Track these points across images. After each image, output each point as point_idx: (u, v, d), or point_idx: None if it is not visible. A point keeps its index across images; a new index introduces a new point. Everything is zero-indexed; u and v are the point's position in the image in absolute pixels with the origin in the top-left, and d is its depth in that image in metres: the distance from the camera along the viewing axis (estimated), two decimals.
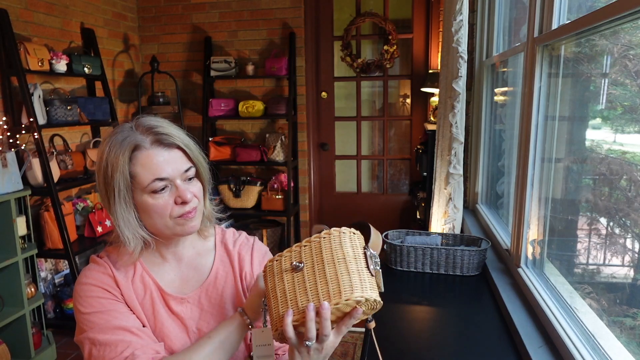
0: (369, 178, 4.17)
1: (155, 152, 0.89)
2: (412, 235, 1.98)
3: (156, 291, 0.98)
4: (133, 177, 0.89)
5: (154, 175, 0.88)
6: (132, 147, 0.89)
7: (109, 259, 0.98)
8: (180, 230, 0.93)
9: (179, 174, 0.91)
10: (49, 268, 3.00)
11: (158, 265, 1.00)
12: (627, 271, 1.31)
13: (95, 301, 0.92)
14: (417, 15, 3.74)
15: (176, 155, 0.91)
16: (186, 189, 0.91)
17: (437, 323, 1.55)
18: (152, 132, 0.90)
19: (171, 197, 0.91)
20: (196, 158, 0.95)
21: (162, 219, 0.91)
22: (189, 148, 0.93)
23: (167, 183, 0.90)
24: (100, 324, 0.90)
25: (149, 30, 3.96)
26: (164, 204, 0.90)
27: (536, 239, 1.62)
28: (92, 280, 0.94)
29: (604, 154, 1.35)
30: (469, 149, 2.69)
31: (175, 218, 0.91)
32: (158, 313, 0.96)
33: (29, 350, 2.47)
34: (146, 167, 0.88)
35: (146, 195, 0.89)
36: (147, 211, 0.91)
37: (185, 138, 0.94)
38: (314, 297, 0.79)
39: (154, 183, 0.88)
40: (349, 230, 0.85)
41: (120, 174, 0.88)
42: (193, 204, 0.93)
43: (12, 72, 2.64)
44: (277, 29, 3.77)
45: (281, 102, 3.65)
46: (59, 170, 2.85)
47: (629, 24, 1.12)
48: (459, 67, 2.18)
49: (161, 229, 0.92)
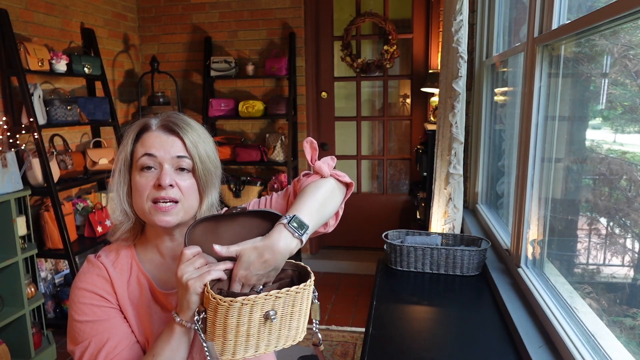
0: (369, 178, 4.17)
1: (157, 134, 0.93)
2: (412, 235, 1.98)
3: (152, 291, 0.97)
4: (133, 153, 0.93)
5: (145, 150, 0.91)
6: (141, 126, 0.95)
7: (106, 258, 0.98)
8: (153, 219, 0.91)
9: (169, 158, 0.91)
10: (49, 268, 3.00)
11: (155, 263, 1.00)
12: (627, 271, 1.31)
13: (88, 309, 0.92)
14: (417, 15, 3.75)
15: (174, 142, 0.93)
16: (168, 175, 0.90)
17: (437, 323, 1.55)
18: (167, 119, 0.95)
19: (154, 179, 0.91)
20: (198, 155, 0.93)
21: (141, 198, 0.91)
22: (193, 144, 0.93)
23: (155, 163, 0.91)
24: (92, 334, 0.90)
25: (149, 30, 3.96)
26: (146, 183, 0.91)
27: (536, 239, 1.62)
28: (87, 285, 0.93)
29: (604, 154, 1.35)
30: (469, 149, 2.69)
31: (151, 203, 0.90)
32: (154, 314, 0.96)
33: (29, 350, 2.47)
34: (143, 144, 0.92)
35: (137, 172, 0.92)
36: (134, 189, 0.93)
37: (197, 136, 0.94)
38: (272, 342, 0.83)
39: (143, 157, 0.91)
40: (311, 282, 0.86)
41: (124, 148, 0.93)
42: (171, 193, 0.90)
43: (12, 72, 2.64)
44: (277, 29, 3.77)
45: (281, 102, 3.65)
46: (59, 170, 2.85)
47: (629, 24, 1.12)
48: (459, 67, 2.18)
49: (141, 210, 0.92)
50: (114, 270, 0.96)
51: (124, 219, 0.95)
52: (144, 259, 1.00)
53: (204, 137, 0.97)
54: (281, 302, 0.81)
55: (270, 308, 0.80)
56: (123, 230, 0.96)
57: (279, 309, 0.81)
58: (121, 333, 0.92)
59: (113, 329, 0.91)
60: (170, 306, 0.97)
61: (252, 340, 0.81)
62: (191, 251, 0.84)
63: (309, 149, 0.99)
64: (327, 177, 0.98)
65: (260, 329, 0.81)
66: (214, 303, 0.79)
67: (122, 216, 0.95)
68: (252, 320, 0.80)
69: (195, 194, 0.94)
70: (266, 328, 0.81)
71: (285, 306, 0.82)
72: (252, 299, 0.78)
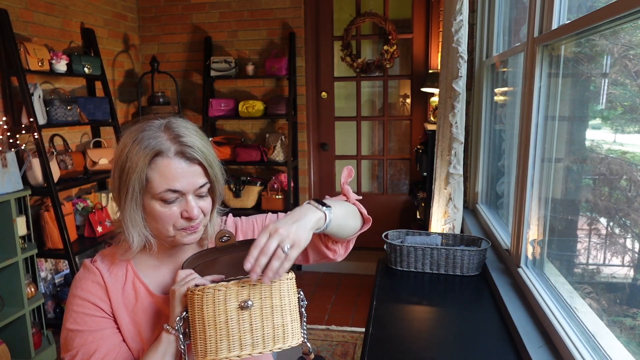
0: (369, 178, 4.17)
1: (176, 164, 0.89)
2: (412, 235, 1.98)
3: (147, 297, 0.97)
4: (148, 181, 0.88)
5: (168, 185, 0.88)
6: (155, 152, 0.88)
7: (102, 263, 0.98)
8: (180, 240, 0.94)
9: (192, 189, 0.91)
10: (49, 268, 3.00)
11: (153, 268, 1.00)
12: (627, 271, 1.31)
13: (80, 318, 0.92)
14: (417, 15, 3.75)
15: (195, 170, 0.91)
16: (195, 206, 0.91)
17: (437, 323, 1.55)
18: (179, 141, 0.89)
19: (179, 209, 0.91)
20: (214, 175, 0.94)
21: (165, 226, 0.91)
22: (209, 165, 0.92)
23: (178, 195, 0.90)
24: (81, 344, 0.91)
25: (149, 30, 3.96)
26: (171, 214, 0.90)
27: (536, 239, 1.62)
28: (82, 293, 0.94)
29: (604, 154, 1.35)
30: (469, 149, 2.69)
31: (178, 229, 0.92)
32: (149, 320, 0.96)
33: (29, 350, 2.47)
34: (163, 175, 0.88)
35: (156, 201, 0.90)
36: (154, 216, 0.91)
37: (209, 153, 0.93)
38: (257, 342, 0.81)
39: (166, 193, 0.88)
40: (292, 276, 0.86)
41: (137, 175, 0.87)
42: (199, 220, 0.93)
43: (12, 72, 2.64)
44: (277, 29, 3.77)
45: (281, 102, 3.66)
46: (59, 170, 2.85)
47: (629, 24, 1.12)
48: (459, 67, 2.18)
49: (163, 234, 0.93)
50: (109, 276, 0.96)
51: (140, 241, 0.94)
52: (139, 263, 0.99)
53: (207, 144, 0.95)
54: (257, 292, 0.82)
55: (247, 298, 0.81)
56: (137, 250, 0.95)
57: (256, 300, 0.81)
58: (109, 344, 0.92)
59: (102, 340, 0.92)
60: (166, 311, 0.96)
61: (234, 337, 0.80)
62: (186, 273, 0.90)
63: (346, 174, 1.04)
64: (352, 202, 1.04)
65: (240, 323, 0.81)
66: (190, 297, 0.82)
67: (138, 239, 0.93)
68: (229, 311, 0.80)
69: (211, 207, 0.98)
70: (247, 323, 0.81)
71: (263, 298, 0.82)
72: (225, 284, 0.81)
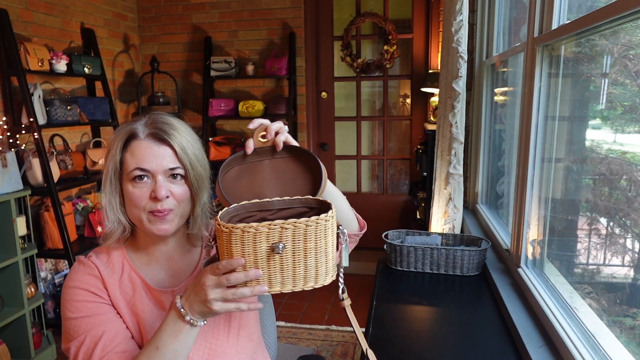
0: (369, 178, 4.17)
1: (146, 144, 0.92)
2: (412, 235, 1.98)
3: (145, 289, 0.98)
4: (122, 162, 0.92)
5: (137, 164, 0.91)
6: (128, 134, 0.93)
7: (97, 258, 0.98)
8: (150, 228, 0.93)
9: (162, 170, 0.92)
10: (49, 268, 3.00)
11: (147, 264, 1.01)
12: (627, 271, 1.31)
13: (81, 305, 0.92)
14: (417, 15, 3.74)
15: (165, 152, 0.92)
16: (163, 186, 0.91)
17: (437, 323, 1.55)
18: (153, 125, 0.93)
19: (149, 190, 0.91)
20: (189, 162, 0.94)
21: (137, 209, 0.92)
22: (183, 150, 0.93)
23: (147, 175, 0.91)
24: (87, 328, 0.90)
25: (149, 30, 3.96)
26: (140, 195, 0.91)
27: (536, 239, 1.62)
28: (79, 283, 0.94)
29: (604, 154, 1.35)
30: (469, 149, 2.69)
31: (148, 213, 0.92)
32: (147, 311, 0.96)
33: (29, 350, 2.47)
34: (133, 154, 0.92)
35: (129, 182, 0.92)
36: (128, 199, 0.93)
37: (185, 140, 0.94)
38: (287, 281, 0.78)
39: (135, 171, 0.91)
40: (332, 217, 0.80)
41: (112, 158, 0.92)
42: (167, 204, 0.92)
43: (12, 72, 2.64)
44: (277, 29, 3.77)
45: (281, 102, 3.66)
46: (59, 170, 2.85)
47: (629, 24, 1.12)
48: (459, 67, 2.18)
49: (138, 219, 0.94)
50: (106, 269, 0.97)
51: (118, 227, 0.96)
52: (135, 258, 1.00)
53: (191, 138, 0.96)
54: (289, 234, 0.76)
55: (278, 240, 0.76)
56: (116, 237, 0.97)
57: (288, 242, 0.76)
58: (116, 327, 0.92)
59: (108, 323, 0.92)
60: (163, 304, 0.97)
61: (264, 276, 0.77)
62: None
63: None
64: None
65: (269, 264, 0.77)
66: (219, 231, 0.78)
67: (117, 224, 0.95)
68: (258, 252, 0.76)
69: (188, 199, 0.96)
70: (277, 263, 0.77)
71: (296, 241, 0.77)
72: (254, 226, 0.75)
